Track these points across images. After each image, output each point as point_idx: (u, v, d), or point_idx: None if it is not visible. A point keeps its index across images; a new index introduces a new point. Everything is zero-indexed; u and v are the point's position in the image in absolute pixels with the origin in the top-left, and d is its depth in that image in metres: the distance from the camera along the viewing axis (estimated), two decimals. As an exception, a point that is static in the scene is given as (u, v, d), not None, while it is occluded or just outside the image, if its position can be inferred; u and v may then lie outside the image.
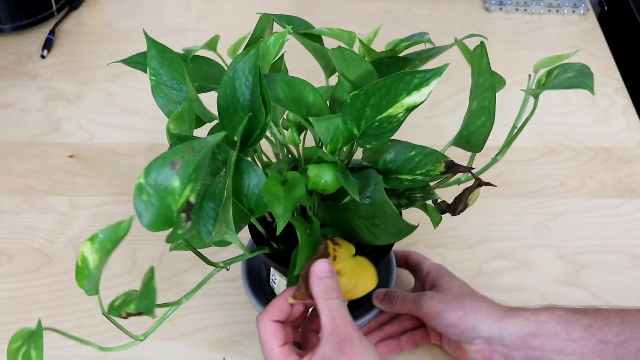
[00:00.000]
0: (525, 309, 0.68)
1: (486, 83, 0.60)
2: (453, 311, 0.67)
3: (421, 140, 1.00)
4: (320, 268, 0.58)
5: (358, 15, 1.20)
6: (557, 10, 1.21)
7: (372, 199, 0.59)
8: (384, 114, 0.58)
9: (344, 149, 0.63)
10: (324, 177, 0.60)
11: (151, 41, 0.64)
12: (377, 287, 0.75)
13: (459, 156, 0.64)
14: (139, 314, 0.52)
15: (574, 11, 1.21)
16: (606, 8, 1.30)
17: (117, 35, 1.15)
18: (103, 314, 0.54)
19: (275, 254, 0.68)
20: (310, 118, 0.60)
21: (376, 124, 0.59)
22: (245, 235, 0.69)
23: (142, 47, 0.67)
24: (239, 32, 0.73)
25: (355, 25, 0.70)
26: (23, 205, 0.89)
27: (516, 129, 0.63)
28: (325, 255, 0.60)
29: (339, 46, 0.63)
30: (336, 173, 0.59)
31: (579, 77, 0.58)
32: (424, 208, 0.66)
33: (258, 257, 0.71)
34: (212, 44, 0.72)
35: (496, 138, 1.01)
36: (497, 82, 0.61)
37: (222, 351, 0.76)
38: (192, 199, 0.52)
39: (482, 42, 0.60)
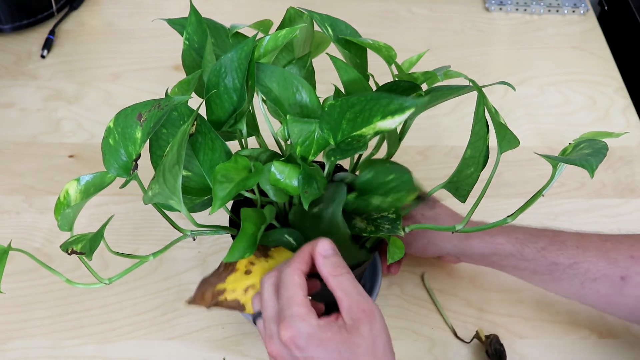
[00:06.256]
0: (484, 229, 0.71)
1: (480, 132, 0.60)
2: (418, 240, 0.74)
3: (422, 140, 1.00)
4: (323, 247, 0.57)
5: (358, 15, 1.20)
6: (557, 10, 1.21)
7: (330, 215, 0.60)
8: (358, 132, 0.58)
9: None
10: (286, 176, 0.60)
11: (193, 9, 0.66)
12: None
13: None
14: (81, 253, 0.55)
15: (574, 11, 1.21)
16: (606, 8, 1.30)
17: (117, 35, 1.15)
18: (60, 247, 0.57)
19: None
20: (287, 117, 0.60)
21: (349, 139, 0.58)
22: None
23: (143, 46, 0.67)
24: (238, 32, 0.73)
25: (355, 25, 0.70)
26: (23, 205, 0.89)
27: (541, 196, 0.61)
28: (220, 275, 0.61)
29: (332, 55, 0.63)
30: (298, 176, 0.59)
31: (590, 155, 0.56)
32: (390, 240, 0.66)
33: None
34: (262, 26, 0.70)
35: (495, 137, 1.02)
36: (509, 139, 0.59)
37: (222, 351, 0.76)
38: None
39: (480, 90, 0.59)
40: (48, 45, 1.10)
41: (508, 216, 0.62)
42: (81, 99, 1.03)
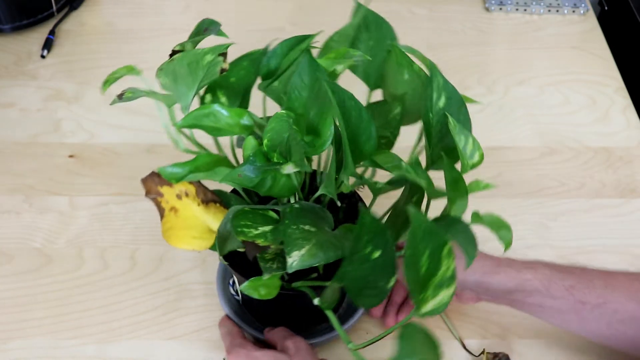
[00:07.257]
0: (511, 263, 0.71)
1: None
2: None
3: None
4: (268, 327, 0.73)
5: (358, 15, 1.20)
6: (557, 10, 1.21)
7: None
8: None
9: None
10: (252, 153, 0.60)
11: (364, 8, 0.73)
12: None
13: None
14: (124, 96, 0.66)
15: (574, 11, 1.21)
16: (606, 8, 1.30)
17: (117, 35, 1.15)
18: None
19: (236, 261, 0.68)
20: (280, 110, 0.60)
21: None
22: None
23: (142, 47, 0.67)
24: (238, 31, 0.73)
25: (355, 25, 0.70)
26: (23, 205, 0.89)
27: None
28: (162, 180, 0.65)
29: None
30: (254, 154, 0.60)
31: None
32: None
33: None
34: (415, 52, 0.70)
35: (495, 137, 1.02)
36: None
37: (222, 351, 0.76)
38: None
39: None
40: (48, 45, 1.10)
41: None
42: (81, 99, 1.03)
